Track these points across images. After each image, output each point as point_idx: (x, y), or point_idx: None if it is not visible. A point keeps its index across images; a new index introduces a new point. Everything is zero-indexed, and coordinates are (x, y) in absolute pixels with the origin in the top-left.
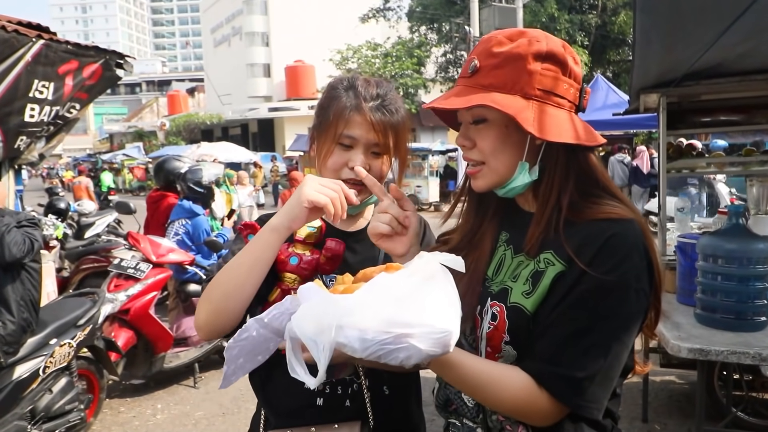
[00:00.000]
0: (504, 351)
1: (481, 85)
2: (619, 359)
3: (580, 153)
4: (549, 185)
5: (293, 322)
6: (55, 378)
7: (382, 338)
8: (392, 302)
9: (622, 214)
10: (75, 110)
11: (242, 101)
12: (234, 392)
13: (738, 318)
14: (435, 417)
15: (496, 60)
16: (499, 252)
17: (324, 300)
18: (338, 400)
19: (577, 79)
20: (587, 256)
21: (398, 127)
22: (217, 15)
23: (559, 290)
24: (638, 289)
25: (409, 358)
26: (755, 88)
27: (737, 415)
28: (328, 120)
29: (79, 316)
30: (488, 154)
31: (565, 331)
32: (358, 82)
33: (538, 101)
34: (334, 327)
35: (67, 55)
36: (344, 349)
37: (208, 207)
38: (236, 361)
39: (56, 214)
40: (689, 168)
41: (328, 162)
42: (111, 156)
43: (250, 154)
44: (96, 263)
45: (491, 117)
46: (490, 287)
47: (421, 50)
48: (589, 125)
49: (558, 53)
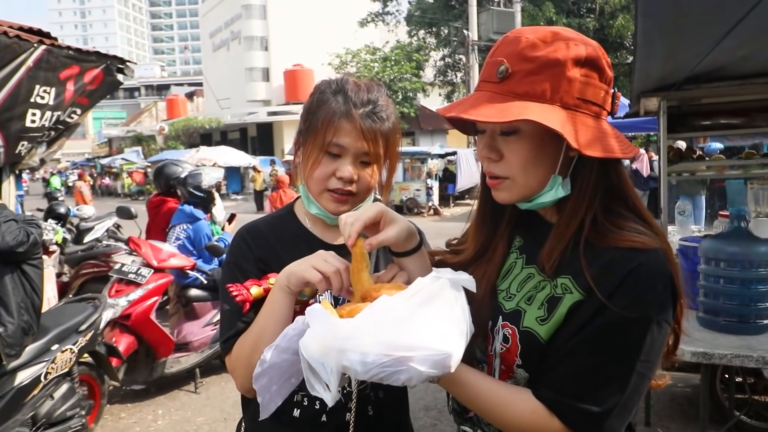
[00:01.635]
0: (516, 373)
1: (514, 93)
2: (639, 391)
3: (613, 166)
4: (579, 200)
5: (301, 346)
6: (56, 384)
7: (383, 361)
8: (392, 325)
9: (647, 243)
10: (76, 115)
11: (241, 105)
12: (235, 397)
13: (741, 321)
14: (437, 422)
15: (531, 65)
16: (510, 258)
17: (327, 324)
18: (315, 414)
19: (610, 83)
20: (608, 288)
21: (389, 134)
22: (216, 19)
23: (576, 320)
24: (660, 321)
25: (410, 379)
26: (756, 92)
27: (740, 418)
28: (315, 127)
29: (80, 321)
30: (517, 169)
31: (583, 362)
32: (347, 86)
33: (577, 111)
34: (336, 350)
35: (69, 60)
36: (348, 372)
37: (208, 211)
38: (269, 390)
39: (56, 218)
40: (690, 171)
41: (315, 172)
42: (110, 160)
43: (249, 158)
44: (96, 268)
45: (525, 128)
46: (500, 302)
47: (419, 54)
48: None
49: (596, 58)
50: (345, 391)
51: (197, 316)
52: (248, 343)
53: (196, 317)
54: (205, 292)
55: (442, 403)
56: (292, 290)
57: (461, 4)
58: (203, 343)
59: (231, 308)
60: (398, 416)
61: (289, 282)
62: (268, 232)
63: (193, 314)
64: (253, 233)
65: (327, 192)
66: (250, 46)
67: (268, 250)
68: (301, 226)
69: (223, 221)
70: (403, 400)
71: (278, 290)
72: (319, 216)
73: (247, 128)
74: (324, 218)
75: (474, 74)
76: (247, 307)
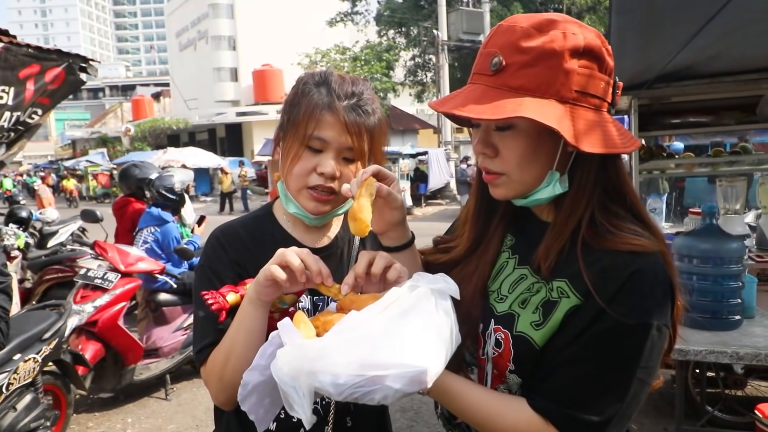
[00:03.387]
0: (509, 379)
1: (509, 86)
2: (639, 399)
3: (612, 162)
4: (577, 197)
5: (272, 368)
6: (19, 395)
7: (355, 381)
8: (363, 342)
9: (646, 246)
10: (37, 116)
11: (209, 106)
12: (208, 403)
13: (714, 317)
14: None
15: (526, 57)
16: (501, 258)
17: (295, 345)
18: (292, 427)
19: (611, 73)
20: (607, 293)
21: (374, 130)
22: (183, 18)
23: (573, 326)
24: (660, 326)
25: (386, 398)
26: (724, 90)
27: (714, 413)
28: (296, 119)
29: (44, 329)
30: (513, 166)
31: (581, 370)
32: (331, 78)
33: (575, 105)
34: (306, 373)
35: (28, 58)
36: (321, 393)
37: (177, 213)
38: (262, 404)
39: (17, 223)
40: (660, 169)
41: (295, 167)
42: (74, 162)
43: (218, 160)
44: (61, 273)
45: (521, 124)
46: (491, 303)
47: (389, 54)
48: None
49: (595, 47)
50: (324, 402)
51: (167, 321)
52: (219, 358)
53: (165, 322)
54: (174, 296)
55: (419, 404)
56: (263, 300)
57: (430, 4)
58: (173, 348)
59: (206, 316)
60: (378, 425)
61: (257, 292)
62: (244, 234)
63: (162, 319)
64: (228, 235)
65: (306, 189)
66: (217, 45)
67: (244, 253)
68: (279, 228)
69: (192, 223)
70: (383, 408)
71: (247, 303)
72: (298, 215)
73: (215, 129)
74: (303, 218)
75: (444, 74)
76: (224, 315)
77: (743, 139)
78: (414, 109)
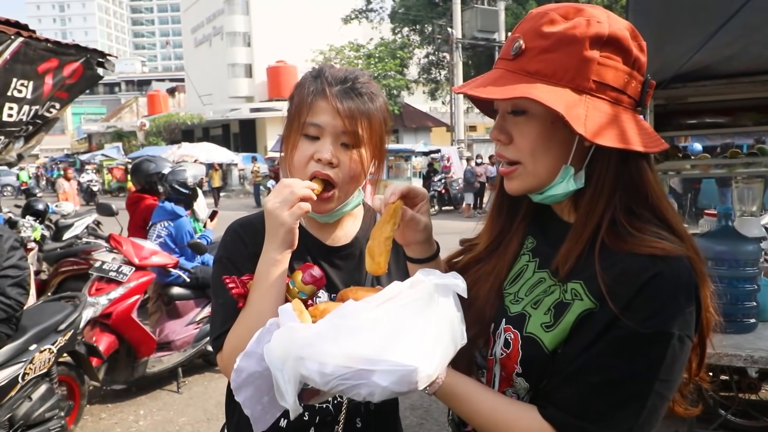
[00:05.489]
0: (516, 382)
1: (525, 70)
2: (657, 413)
3: (635, 161)
4: (595, 197)
5: (265, 351)
6: (34, 385)
7: (342, 373)
8: (355, 334)
9: (669, 250)
10: (55, 109)
11: (223, 101)
12: (219, 397)
13: (728, 320)
14: (424, 421)
15: (546, 42)
16: (521, 261)
17: (288, 329)
18: (303, 426)
19: (641, 70)
20: (623, 299)
21: (371, 114)
22: (198, 15)
23: (587, 332)
24: (683, 337)
25: (372, 395)
26: (741, 91)
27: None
28: (292, 111)
29: (59, 320)
30: (527, 154)
31: (595, 380)
32: (325, 69)
33: (592, 95)
34: (293, 358)
35: (47, 53)
36: (308, 381)
37: (189, 208)
38: (260, 401)
39: (34, 215)
40: (675, 170)
41: (295, 157)
42: (90, 156)
43: (231, 155)
44: (76, 266)
45: (534, 109)
46: (506, 305)
47: (403, 51)
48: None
49: (621, 38)
50: (335, 401)
51: (179, 314)
52: (243, 336)
53: (178, 316)
54: (187, 290)
55: (429, 402)
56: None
57: (445, 2)
58: (186, 342)
59: (224, 302)
60: (388, 426)
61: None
62: (261, 229)
63: (175, 313)
64: (247, 229)
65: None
66: (232, 41)
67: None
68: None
69: (205, 218)
70: (394, 410)
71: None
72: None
73: (229, 124)
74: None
75: (458, 72)
76: (243, 302)
77: (760, 140)
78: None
